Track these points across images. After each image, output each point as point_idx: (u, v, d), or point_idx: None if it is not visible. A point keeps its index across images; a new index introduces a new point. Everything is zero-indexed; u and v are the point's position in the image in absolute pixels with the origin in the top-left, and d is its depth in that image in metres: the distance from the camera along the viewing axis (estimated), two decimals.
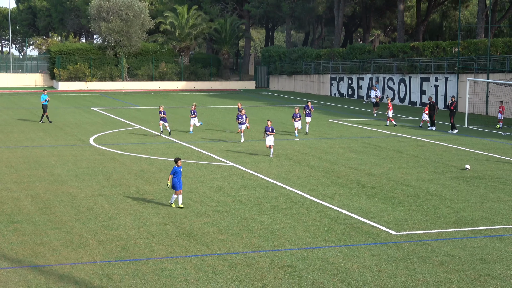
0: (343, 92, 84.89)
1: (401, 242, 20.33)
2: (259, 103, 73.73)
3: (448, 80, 66.30)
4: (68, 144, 39.50)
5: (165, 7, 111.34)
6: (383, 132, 46.80)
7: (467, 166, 32.71)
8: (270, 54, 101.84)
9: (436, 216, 23.60)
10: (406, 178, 30.40)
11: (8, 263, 17.97)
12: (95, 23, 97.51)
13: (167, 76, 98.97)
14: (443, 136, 45.13)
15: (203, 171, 31.42)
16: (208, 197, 26.08)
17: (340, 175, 30.85)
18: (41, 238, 20.26)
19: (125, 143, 40.07)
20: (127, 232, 21.02)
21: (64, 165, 32.58)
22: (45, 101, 50.96)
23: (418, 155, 36.94)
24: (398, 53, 76.19)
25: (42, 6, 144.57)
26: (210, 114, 59.24)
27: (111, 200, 25.34)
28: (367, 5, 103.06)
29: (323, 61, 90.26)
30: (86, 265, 17.93)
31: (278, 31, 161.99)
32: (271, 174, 30.81)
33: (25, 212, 23.43)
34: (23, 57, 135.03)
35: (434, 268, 17.98)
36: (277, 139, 42.22)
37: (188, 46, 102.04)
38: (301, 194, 26.82)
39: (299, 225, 22.07)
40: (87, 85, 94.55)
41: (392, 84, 74.91)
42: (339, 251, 19.35)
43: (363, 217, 23.28)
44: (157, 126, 45.73)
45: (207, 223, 22.27)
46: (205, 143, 40.61)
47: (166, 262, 18.19)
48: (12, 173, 30.59)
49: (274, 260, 18.47)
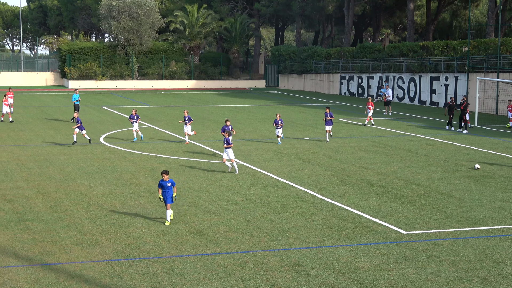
0: (353, 91, 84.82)
1: (410, 241, 20.33)
2: (269, 102, 73.75)
3: (458, 79, 66.17)
4: (79, 142, 39.58)
5: (175, 6, 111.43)
6: (393, 131, 46.76)
7: (477, 166, 32.66)
8: (280, 53, 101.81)
9: (446, 215, 23.58)
10: (416, 177, 30.38)
11: (19, 261, 18.05)
12: (106, 22, 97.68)
13: (177, 75, 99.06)
14: (453, 136, 45.06)
15: (213, 170, 31.45)
16: (218, 196, 26.12)
17: (350, 174, 30.85)
18: (51, 237, 20.33)
19: (135, 142, 40.15)
20: (137, 230, 21.08)
21: (75, 164, 32.68)
22: (76, 101, 50.93)
23: (428, 154, 36.90)
24: (408, 52, 76.06)
25: (52, 5, 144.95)
26: (220, 113, 59.28)
27: (122, 199, 25.41)
28: (377, 4, 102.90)
29: (333, 60, 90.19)
30: (97, 263, 17.99)
31: (288, 30, 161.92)
32: (281, 173, 30.83)
33: (35, 211, 23.52)
34: (34, 56, 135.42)
35: (444, 267, 17.98)
36: (287, 138, 42.26)
37: (198, 45, 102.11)
38: (311, 193, 26.83)
39: (308, 224, 22.10)
40: (98, 83, 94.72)
41: (402, 83, 74.81)
42: (348, 250, 19.36)
43: (373, 216, 23.28)
44: (170, 126, 45.71)
45: (217, 221, 22.31)
46: (215, 141, 40.64)
47: (176, 261, 18.24)
48: (23, 171, 30.70)
49: (284, 259, 18.49)
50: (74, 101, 51.39)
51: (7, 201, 24.81)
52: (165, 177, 22.02)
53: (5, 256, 18.43)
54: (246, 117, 55.57)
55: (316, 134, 44.62)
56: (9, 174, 29.98)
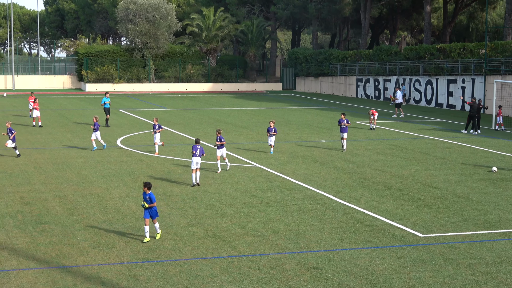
0: (369, 93, 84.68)
1: (427, 244, 20.28)
2: (285, 105, 73.74)
3: (475, 81, 65.94)
4: (96, 145, 39.71)
5: (192, 9, 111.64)
6: (409, 134, 46.65)
7: (494, 168, 32.54)
8: (296, 55, 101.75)
9: (463, 218, 23.51)
10: (433, 180, 30.30)
11: (36, 264, 18.13)
12: (123, 25, 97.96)
13: (194, 78, 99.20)
14: (470, 138, 44.91)
15: (230, 173, 31.49)
16: (235, 199, 26.15)
17: (366, 177, 30.80)
18: (68, 239, 20.42)
19: (152, 145, 40.21)
20: (154, 233, 21.12)
21: (92, 167, 32.79)
22: (105, 104, 50.37)
23: (445, 157, 36.80)
24: (424, 55, 75.87)
25: (70, 8, 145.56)
26: (236, 115, 59.33)
27: (138, 202, 25.46)
28: (393, 7, 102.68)
29: (350, 63, 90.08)
30: (113, 266, 18.05)
31: (305, 32, 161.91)
32: (297, 176, 30.83)
33: (53, 213, 23.62)
34: (51, 59, 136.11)
35: (461, 270, 17.93)
36: (304, 141, 42.24)
37: (215, 48, 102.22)
38: (327, 196, 26.82)
39: (325, 227, 22.08)
40: (115, 87, 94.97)
41: (419, 86, 74.63)
42: (365, 253, 19.34)
43: (390, 219, 23.24)
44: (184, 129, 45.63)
45: (234, 224, 22.34)
46: (231, 144, 40.67)
47: (192, 263, 18.27)
48: (40, 174, 30.84)
49: (300, 262, 18.49)
50: (103, 104, 50.63)
51: (25, 204, 24.94)
52: (146, 190, 20.51)
53: (22, 258, 18.53)
54: (262, 120, 55.56)
55: (333, 137, 44.57)
56: (27, 177, 30.13)
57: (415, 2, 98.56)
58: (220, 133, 31.75)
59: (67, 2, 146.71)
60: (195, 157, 28.03)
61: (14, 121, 52.57)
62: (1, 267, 17.84)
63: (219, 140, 31.49)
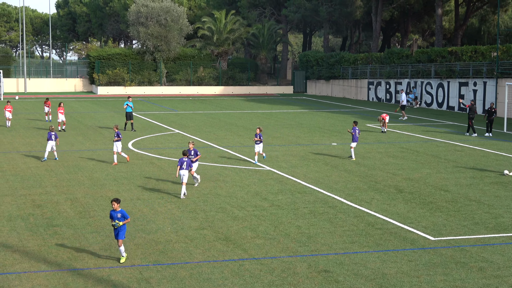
0: (380, 96, 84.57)
1: (439, 247, 20.24)
2: (296, 108, 73.73)
3: (486, 85, 65.79)
4: (107, 148, 39.80)
5: (203, 12, 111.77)
6: (420, 137, 46.57)
7: (506, 172, 32.45)
8: (307, 58, 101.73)
9: (474, 221, 23.46)
10: (444, 183, 30.24)
11: (48, 266, 18.18)
12: (134, 28, 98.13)
13: (205, 81, 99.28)
14: (482, 141, 44.81)
15: (241, 176, 31.50)
16: (246, 202, 26.16)
17: (377, 180, 30.77)
18: (80, 242, 20.46)
19: (163, 148, 40.29)
20: (165, 236, 21.16)
21: (103, 169, 32.86)
22: (127, 107, 49.15)
23: (456, 160, 36.72)
24: (436, 58, 75.74)
25: (81, 11, 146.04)
26: (247, 118, 59.35)
27: (149, 204, 25.52)
28: (405, 10, 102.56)
29: (361, 66, 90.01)
30: (125, 268, 18.08)
31: (316, 35, 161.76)
32: (308, 179, 30.81)
33: (64, 216, 23.68)
34: (63, 62, 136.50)
35: (472, 274, 17.89)
36: (315, 144, 42.24)
37: (226, 51, 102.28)
38: (338, 199, 26.80)
39: (336, 230, 22.07)
40: (126, 89, 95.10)
41: (430, 89, 74.50)
42: (376, 256, 19.32)
43: (401, 222, 23.21)
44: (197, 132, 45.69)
45: (245, 227, 22.35)
46: (243, 147, 40.70)
47: (203, 266, 18.29)
48: (52, 177, 30.91)
49: (311, 265, 18.48)
50: (126, 107, 49.29)
51: (37, 207, 25.01)
52: (115, 205, 18.91)
53: (34, 261, 18.58)
54: (273, 123, 55.58)
55: (344, 140, 44.53)
56: (39, 179, 30.22)
57: (426, 5, 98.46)
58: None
59: (79, 5, 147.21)
60: (182, 170, 26.72)
61: (26, 124, 52.77)
62: (12, 269, 17.90)
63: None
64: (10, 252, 19.35)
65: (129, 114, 49.24)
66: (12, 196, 26.84)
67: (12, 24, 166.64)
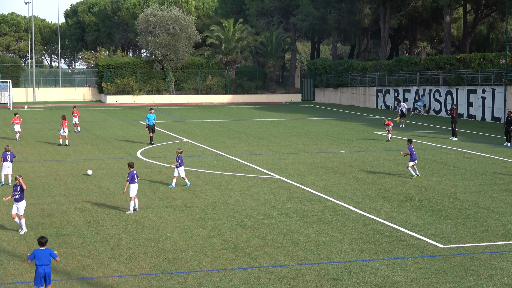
0: (389, 104, 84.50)
1: (448, 255, 20.20)
2: (305, 116, 73.73)
3: (495, 92, 65.69)
4: (116, 157, 39.88)
5: (211, 21, 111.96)
6: (429, 144, 46.50)
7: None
8: (316, 66, 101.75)
9: (483, 229, 23.40)
10: (453, 190, 30.18)
11: (57, 275, 18.20)
12: (143, 37, 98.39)
13: (214, 89, 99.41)
14: (491, 149, 44.71)
15: (250, 184, 31.51)
16: (255, 210, 26.15)
17: (386, 188, 30.73)
18: (89, 251, 20.49)
19: (172, 156, 40.30)
20: (174, 244, 21.17)
21: (112, 178, 32.91)
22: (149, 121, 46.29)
23: (465, 168, 36.65)
24: (444, 65, 75.64)
25: (90, 21, 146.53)
26: (256, 127, 59.37)
27: (158, 213, 25.54)
28: (413, 17, 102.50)
29: (369, 74, 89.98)
30: (134, 277, 18.10)
31: (324, 43, 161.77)
32: (317, 187, 30.79)
33: (73, 225, 23.71)
34: (72, 72, 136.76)
35: (482, 281, 17.84)
36: (323, 152, 42.22)
37: (234, 60, 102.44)
38: (347, 207, 26.77)
39: (345, 238, 22.04)
40: (135, 98, 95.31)
41: (439, 96, 74.40)
42: (385, 264, 19.29)
43: (410, 230, 23.17)
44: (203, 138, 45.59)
45: (253, 235, 22.34)
46: (251, 156, 40.71)
47: (212, 275, 18.29)
48: (60, 186, 30.98)
49: (320, 273, 18.46)
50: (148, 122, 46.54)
51: (46, 216, 25.05)
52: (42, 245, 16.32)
53: None
54: (282, 131, 55.59)
55: (352, 148, 44.51)
56: (48, 188, 30.28)
57: (434, 12, 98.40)
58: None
59: (87, 14, 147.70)
60: (132, 184, 25.61)
61: (34, 133, 52.88)
62: (22, 279, 17.93)
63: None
64: (20, 262, 19.39)
65: (152, 127, 46.69)
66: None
67: (21, 34, 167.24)
